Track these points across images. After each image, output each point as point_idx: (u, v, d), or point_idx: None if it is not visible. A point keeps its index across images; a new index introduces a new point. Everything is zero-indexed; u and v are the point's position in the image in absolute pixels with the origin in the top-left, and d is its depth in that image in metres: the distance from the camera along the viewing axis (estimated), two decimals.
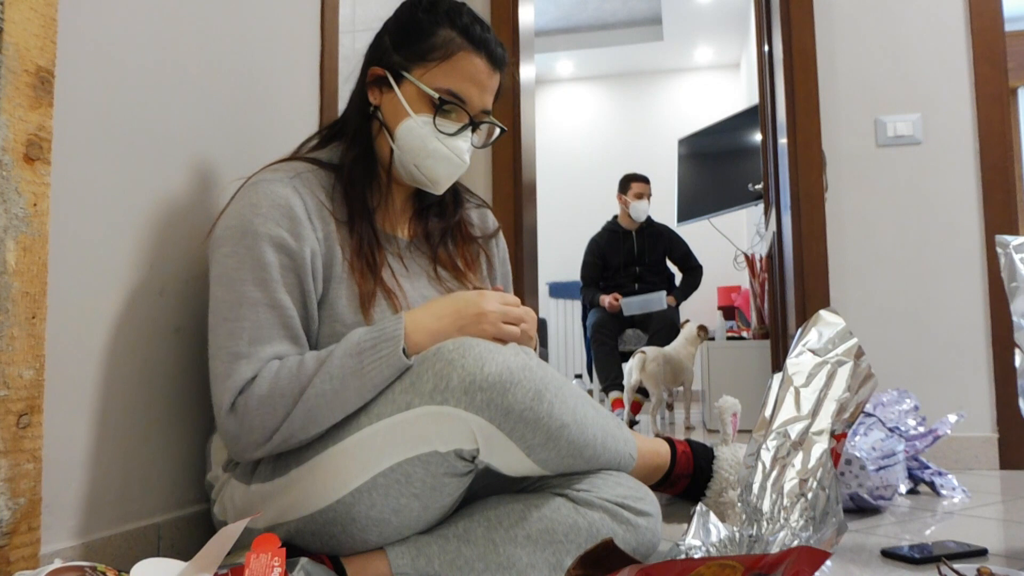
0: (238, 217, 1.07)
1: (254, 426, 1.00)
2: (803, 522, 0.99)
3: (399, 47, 1.16)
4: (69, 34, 0.95)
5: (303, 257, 1.07)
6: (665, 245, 4.60)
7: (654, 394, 3.85)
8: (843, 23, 2.57)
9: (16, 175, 0.83)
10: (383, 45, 1.18)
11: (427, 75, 1.14)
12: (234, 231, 1.06)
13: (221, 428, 1.03)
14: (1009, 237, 1.23)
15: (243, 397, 1.01)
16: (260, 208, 1.06)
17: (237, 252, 1.05)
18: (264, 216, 1.06)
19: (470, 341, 1.00)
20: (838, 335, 1.12)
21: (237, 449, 1.03)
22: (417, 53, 1.14)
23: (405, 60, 1.15)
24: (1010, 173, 2.43)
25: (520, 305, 1.11)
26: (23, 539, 0.84)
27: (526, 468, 1.04)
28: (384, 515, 1.01)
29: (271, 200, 1.07)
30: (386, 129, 1.16)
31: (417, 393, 0.99)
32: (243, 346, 1.02)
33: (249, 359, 1.02)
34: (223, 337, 1.03)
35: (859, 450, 1.67)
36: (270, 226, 1.05)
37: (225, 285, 1.05)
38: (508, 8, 2.94)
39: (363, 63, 1.22)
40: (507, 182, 2.85)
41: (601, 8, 6.02)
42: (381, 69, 1.17)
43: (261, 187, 1.08)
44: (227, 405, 1.01)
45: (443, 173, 1.17)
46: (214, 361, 1.04)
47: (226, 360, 1.02)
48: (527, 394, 0.97)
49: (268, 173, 1.11)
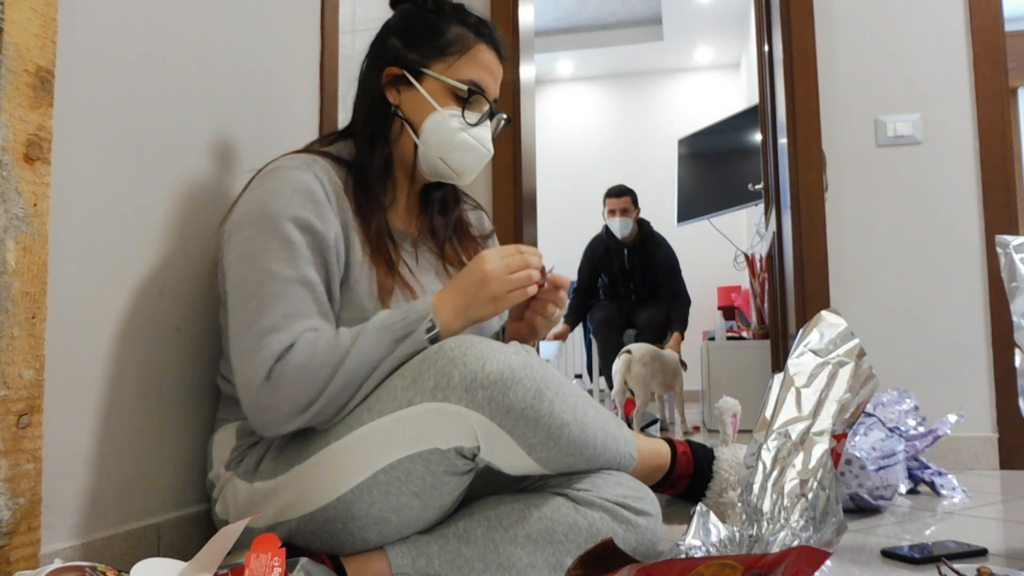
0: (259, 202, 1.07)
1: (291, 395, 0.99)
2: (803, 522, 0.99)
3: (413, 46, 1.18)
4: (69, 34, 0.95)
5: (328, 238, 1.08)
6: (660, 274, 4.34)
7: (639, 395, 3.66)
8: (843, 23, 2.57)
9: (16, 175, 0.83)
10: (392, 47, 1.20)
11: (449, 69, 1.17)
12: (256, 215, 1.06)
13: (253, 402, 1.00)
14: (1009, 237, 1.23)
15: (280, 365, 0.99)
16: (283, 192, 1.07)
17: (261, 233, 1.05)
18: (287, 199, 1.06)
19: (472, 339, 1.01)
20: (839, 336, 1.12)
21: (269, 421, 1.01)
22: (434, 50, 1.18)
23: (422, 58, 1.18)
24: (1010, 173, 2.43)
25: (519, 250, 1.11)
26: (23, 539, 0.84)
27: (526, 467, 1.04)
28: (384, 513, 1.01)
29: (293, 185, 1.08)
30: (409, 126, 1.19)
31: (419, 390, 0.99)
32: (277, 319, 1.01)
33: (284, 331, 1.01)
34: (252, 313, 1.02)
35: (859, 450, 1.67)
36: (294, 208, 1.06)
37: (250, 264, 1.04)
38: (508, 8, 2.94)
39: (368, 67, 1.22)
40: (507, 182, 2.85)
41: (601, 8, 6.02)
42: (398, 69, 1.18)
43: (281, 173, 1.09)
44: (262, 375, 0.99)
45: (471, 162, 1.21)
46: (241, 337, 1.02)
47: (258, 334, 1.00)
48: (528, 392, 0.98)
49: (285, 161, 1.12)
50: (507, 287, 1.08)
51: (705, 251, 6.08)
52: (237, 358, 1.03)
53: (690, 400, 5.91)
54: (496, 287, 1.07)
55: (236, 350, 1.03)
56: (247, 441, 1.11)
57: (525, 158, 2.94)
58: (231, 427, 1.14)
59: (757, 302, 4.28)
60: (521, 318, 1.31)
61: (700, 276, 5.82)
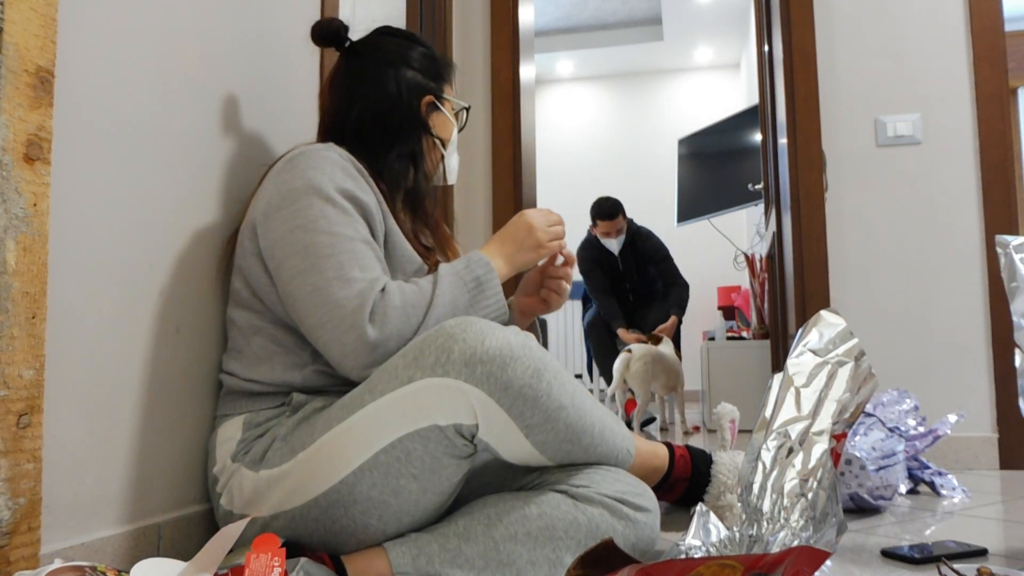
0: (300, 179, 1.13)
1: (396, 332, 1.07)
2: (803, 522, 0.99)
3: (431, 76, 1.35)
4: (69, 34, 0.95)
5: (370, 207, 1.16)
6: (652, 264, 4.35)
7: (639, 395, 3.62)
8: (843, 23, 2.58)
9: (16, 175, 0.83)
10: (414, 80, 1.33)
11: (452, 91, 1.39)
12: (302, 190, 1.12)
13: (357, 343, 1.05)
14: (1009, 237, 1.23)
15: (382, 305, 1.07)
16: (322, 167, 1.14)
17: (313, 204, 1.11)
18: (328, 173, 1.13)
19: (472, 318, 1.04)
20: (839, 335, 1.12)
21: (375, 359, 1.06)
22: (442, 77, 1.37)
23: (439, 85, 1.36)
24: (1010, 173, 2.43)
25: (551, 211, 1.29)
26: (23, 539, 0.84)
27: (525, 451, 1.05)
28: (384, 496, 1.02)
29: (329, 161, 1.15)
30: (440, 142, 1.36)
31: (419, 367, 1.01)
32: (356, 271, 1.08)
33: (372, 280, 1.08)
34: (330, 271, 1.07)
35: (859, 450, 1.67)
36: (337, 180, 1.13)
37: (312, 230, 1.09)
38: (508, 8, 2.94)
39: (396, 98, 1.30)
40: (507, 182, 2.85)
41: (601, 8, 6.02)
42: (431, 97, 1.34)
43: (312, 154, 1.16)
44: (365, 318, 1.05)
45: (458, 163, 1.42)
46: (324, 292, 1.06)
47: (344, 285, 1.06)
48: (526, 370, 1.00)
49: (307, 147, 1.19)
50: (549, 236, 1.25)
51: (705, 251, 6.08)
52: (327, 310, 1.06)
53: (690, 400, 5.91)
54: (541, 235, 1.24)
55: (322, 303, 1.06)
56: (253, 433, 1.12)
57: (525, 158, 2.94)
58: (236, 420, 1.15)
59: (757, 302, 4.28)
60: (535, 294, 1.39)
61: (700, 276, 5.83)
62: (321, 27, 1.33)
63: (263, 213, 1.14)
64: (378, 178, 1.24)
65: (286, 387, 1.15)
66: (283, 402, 1.15)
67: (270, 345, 1.16)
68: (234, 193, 1.32)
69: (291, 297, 1.10)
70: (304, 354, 1.15)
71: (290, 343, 1.15)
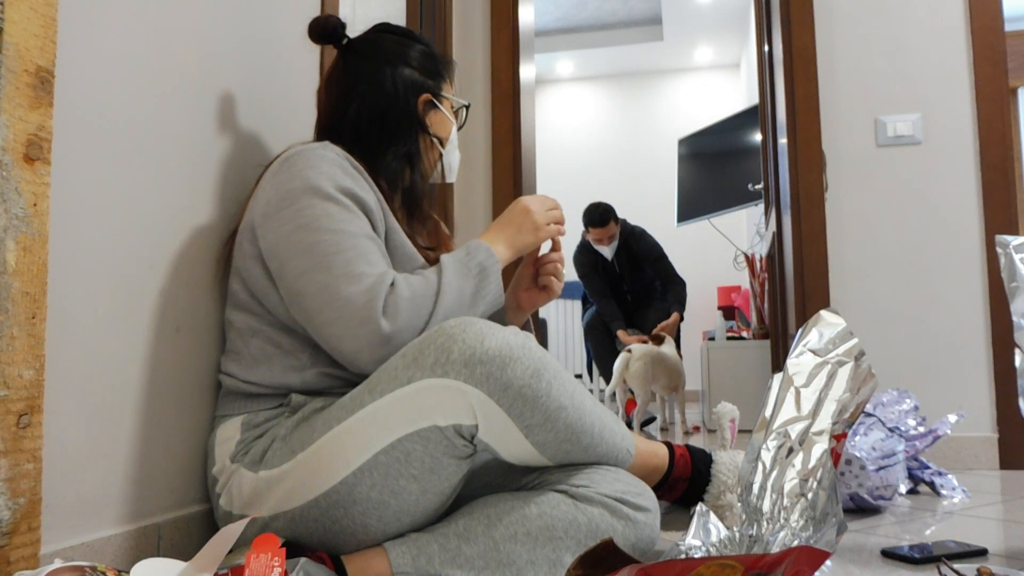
0: (299, 179, 1.12)
1: (408, 324, 1.07)
2: (803, 522, 0.99)
3: (428, 75, 1.33)
4: (69, 34, 0.95)
5: (370, 204, 1.16)
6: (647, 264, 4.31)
7: (639, 394, 3.58)
8: (843, 23, 2.58)
9: (16, 175, 0.83)
10: (411, 78, 1.31)
11: (451, 89, 1.38)
12: (301, 189, 1.12)
13: (371, 337, 1.05)
14: (1009, 237, 1.23)
15: (393, 298, 1.07)
16: (320, 167, 1.13)
17: (314, 203, 1.11)
18: (327, 173, 1.13)
19: (471, 319, 1.04)
20: (839, 335, 1.12)
21: (390, 352, 1.06)
22: (441, 75, 1.36)
23: (437, 83, 1.35)
24: (1010, 173, 2.43)
25: (547, 196, 1.31)
26: (23, 539, 0.84)
27: (524, 451, 1.05)
28: (384, 497, 1.02)
29: (326, 160, 1.15)
30: (438, 141, 1.34)
31: (419, 367, 1.01)
32: (364, 267, 1.08)
33: (379, 274, 1.08)
34: (337, 267, 1.07)
35: (859, 450, 1.67)
36: (336, 179, 1.13)
37: (316, 229, 1.09)
38: (508, 8, 2.94)
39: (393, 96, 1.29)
40: (507, 182, 2.85)
41: (601, 8, 6.02)
42: (429, 95, 1.33)
43: (309, 153, 1.15)
44: (379, 310, 1.05)
45: (458, 161, 1.41)
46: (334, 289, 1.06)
47: (352, 281, 1.06)
48: (526, 370, 1.00)
49: (303, 146, 1.18)
50: (547, 219, 1.28)
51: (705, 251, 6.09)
52: (337, 307, 1.06)
53: (690, 400, 5.91)
54: (538, 218, 1.27)
55: (332, 300, 1.06)
56: (252, 433, 1.12)
57: (525, 158, 2.94)
58: (235, 421, 1.14)
59: (757, 302, 4.28)
60: (532, 286, 1.40)
61: (700, 276, 5.83)
62: (318, 24, 1.33)
63: (262, 215, 1.14)
64: (377, 177, 1.24)
65: (285, 389, 1.14)
66: (282, 403, 1.14)
67: (268, 347, 1.16)
68: (234, 192, 1.32)
69: (298, 296, 1.09)
70: (303, 356, 1.15)
71: (289, 345, 1.15)
